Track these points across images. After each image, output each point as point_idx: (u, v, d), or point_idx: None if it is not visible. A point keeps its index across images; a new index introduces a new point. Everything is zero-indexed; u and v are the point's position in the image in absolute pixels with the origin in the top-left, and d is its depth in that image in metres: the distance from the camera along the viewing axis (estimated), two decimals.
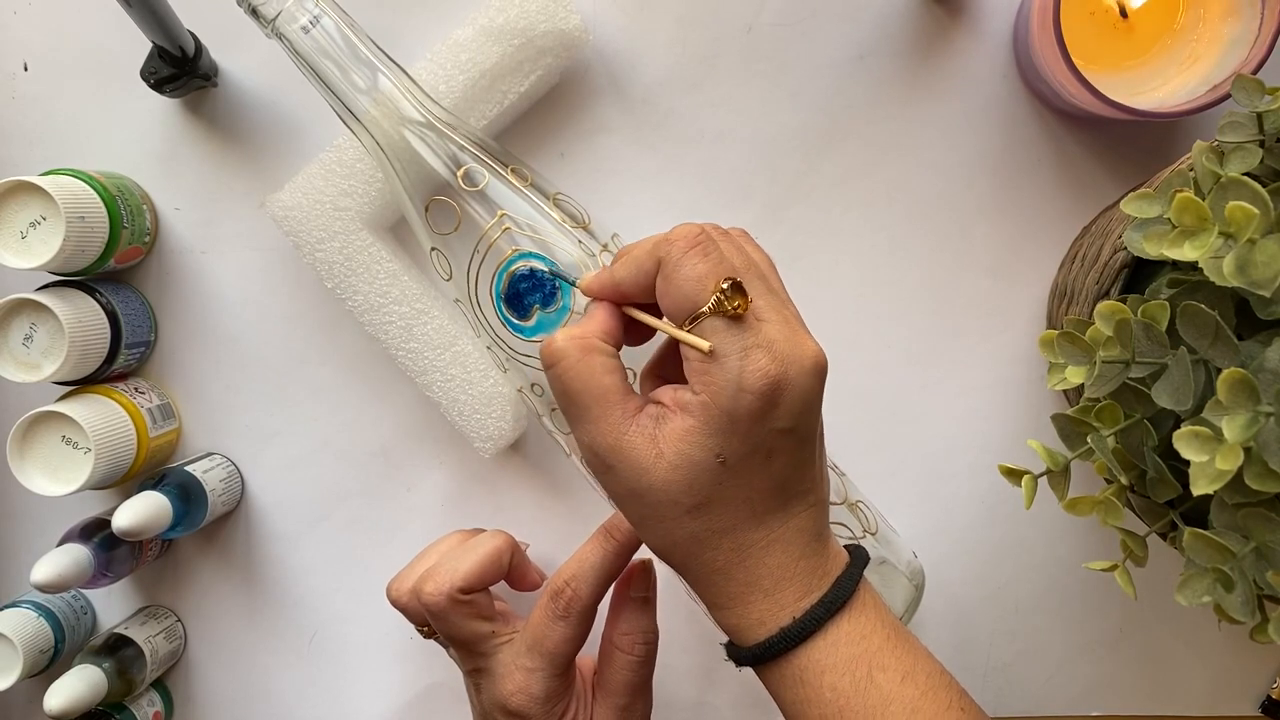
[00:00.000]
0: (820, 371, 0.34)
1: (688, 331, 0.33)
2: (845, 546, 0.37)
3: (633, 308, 0.37)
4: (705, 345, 0.33)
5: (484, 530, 0.49)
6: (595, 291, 0.37)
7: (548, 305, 0.42)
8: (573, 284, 0.39)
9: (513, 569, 0.46)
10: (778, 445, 0.33)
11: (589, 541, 0.42)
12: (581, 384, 0.34)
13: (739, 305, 0.32)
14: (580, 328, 0.35)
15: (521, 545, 0.50)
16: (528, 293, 0.42)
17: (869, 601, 0.36)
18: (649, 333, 0.37)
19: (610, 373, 0.34)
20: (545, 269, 0.42)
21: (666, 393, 0.34)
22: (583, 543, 0.43)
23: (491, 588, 0.46)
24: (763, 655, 0.35)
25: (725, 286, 0.32)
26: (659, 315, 0.35)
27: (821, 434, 0.36)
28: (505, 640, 0.43)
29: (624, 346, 0.38)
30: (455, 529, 0.51)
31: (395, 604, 0.46)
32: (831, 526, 0.45)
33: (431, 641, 0.47)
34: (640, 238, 0.50)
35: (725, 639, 0.37)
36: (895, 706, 0.34)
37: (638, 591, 0.44)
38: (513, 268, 0.42)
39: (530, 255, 0.42)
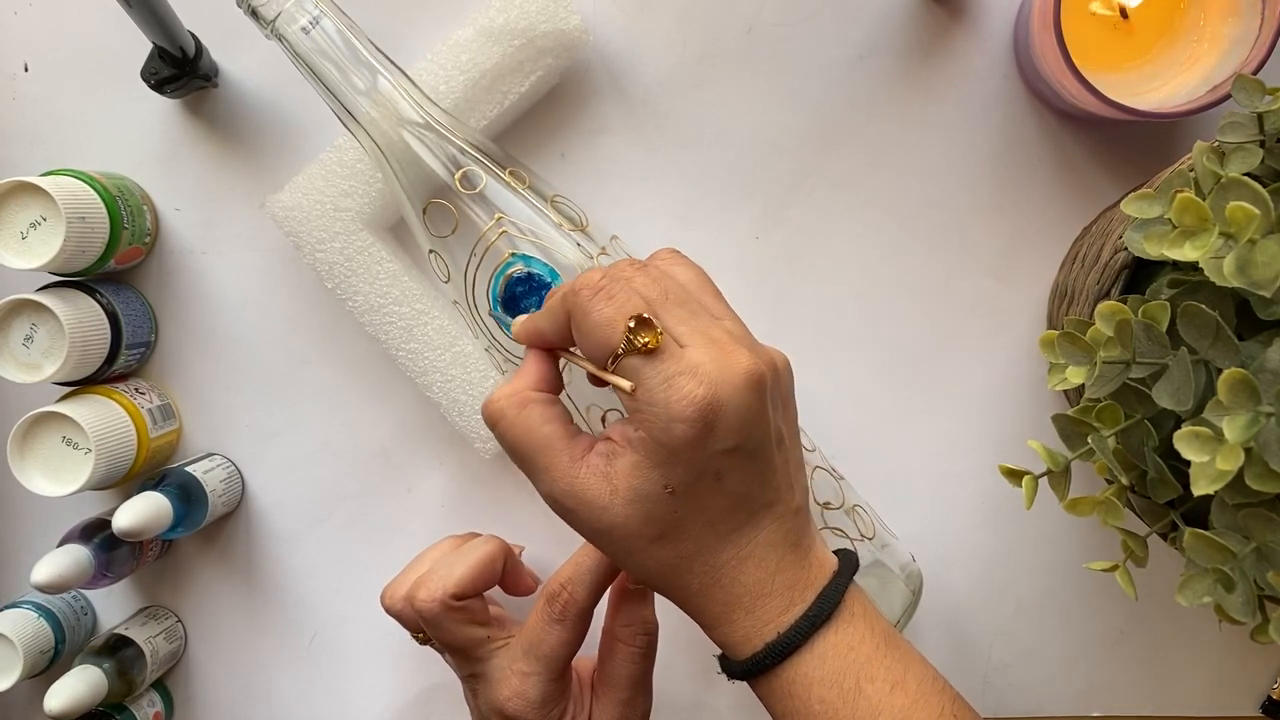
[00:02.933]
0: (755, 384, 0.33)
1: (611, 372, 0.33)
2: (835, 552, 0.37)
3: (567, 351, 0.37)
4: (627, 385, 0.33)
5: (478, 535, 0.49)
6: (522, 339, 0.38)
7: None
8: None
9: (506, 574, 0.46)
10: (725, 465, 0.33)
11: (585, 545, 0.42)
12: (525, 437, 0.35)
13: (649, 340, 0.32)
14: (513, 384, 0.36)
15: (515, 549, 0.50)
16: (524, 296, 0.42)
17: (858, 610, 0.36)
18: None
19: (549, 421, 0.35)
20: (546, 278, 0.42)
21: (616, 428, 0.35)
22: (579, 546, 0.42)
23: (487, 592, 0.46)
24: (751, 670, 0.35)
25: (632, 324, 0.33)
26: None
27: (785, 440, 0.36)
28: (501, 645, 0.43)
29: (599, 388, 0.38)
30: (455, 530, 0.51)
31: (389, 611, 0.45)
32: (828, 531, 0.45)
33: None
34: (640, 239, 0.50)
35: (719, 650, 0.37)
36: (884, 717, 0.34)
37: (635, 582, 0.44)
38: (509, 270, 0.42)
39: (528, 259, 0.42)
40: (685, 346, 0.33)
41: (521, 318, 0.38)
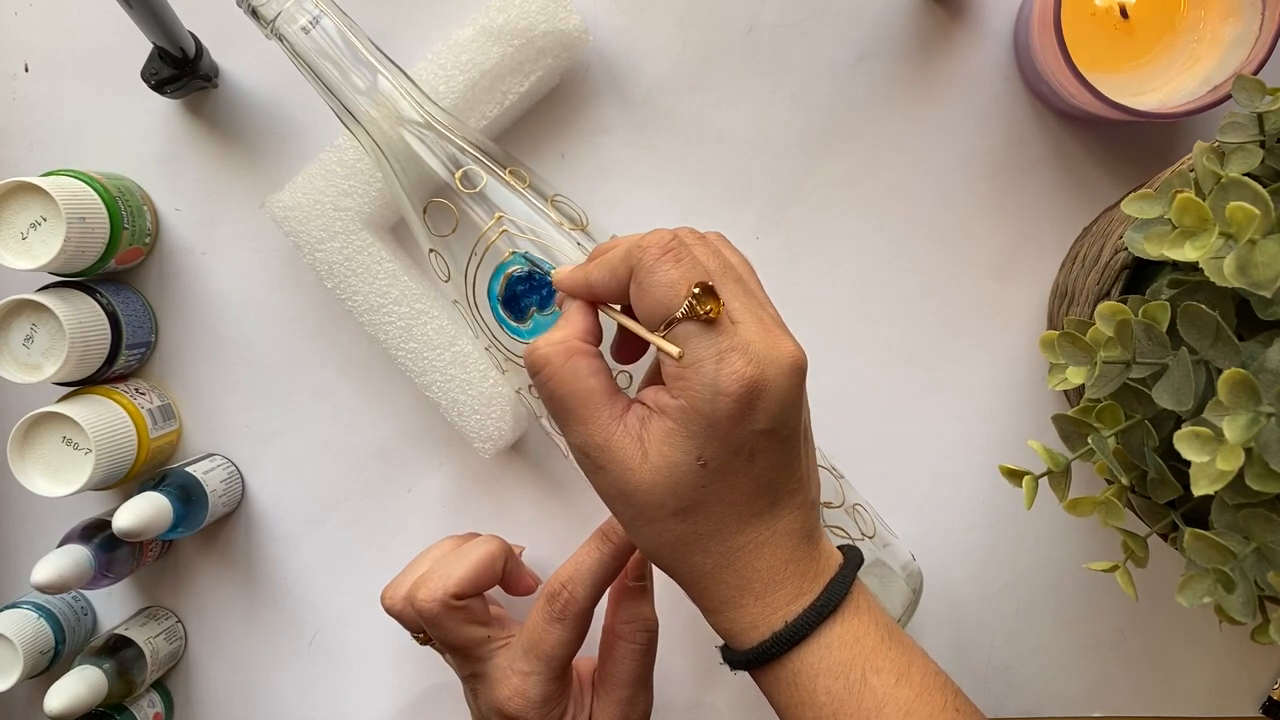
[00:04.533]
0: (798, 371, 0.34)
1: (662, 337, 0.33)
2: (839, 548, 0.37)
3: (608, 307, 0.37)
4: (675, 351, 0.33)
5: (477, 535, 0.49)
6: (568, 288, 0.37)
7: (544, 307, 0.42)
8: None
9: (506, 573, 0.46)
10: (759, 446, 0.33)
11: (585, 544, 0.42)
12: (568, 388, 0.34)
13: (711, 309, 0.32)
14: (560, 331, 0.36)
15: (516, 549, 0.50)
16: (524, 295, 0.42)
17: (862, 603, 0.36)
18: (642, 349, 0.37)
19: (595, 374, 0.35)
20: (540, 270, 0.42)
21: (650, 393, 0.34)
22: (579, 545, 0.43)
23: (487, 592, 0.46)
24: (756, 659, 0.35)
25: (697, 291, 0.32)
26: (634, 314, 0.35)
27: (808, 433, 0.36)
28: (501, 644, 0.43)
29: (631, 362, 0.38)
30: (455, 530, 0.52)
31: (390, 611, 0.46)
32: (829, 530, 0.45)
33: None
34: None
35: (721, 641, 0.37)
36: (889, 708, 0.34)
37: (635, 579, 0.44)
38: (510, 269, 0.42)
39: (527, 258, 0.42)
40: (737, 323, 0.33)
41: (568, 266, 0.37)
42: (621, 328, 0.36)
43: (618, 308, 0.36)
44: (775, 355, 0.33)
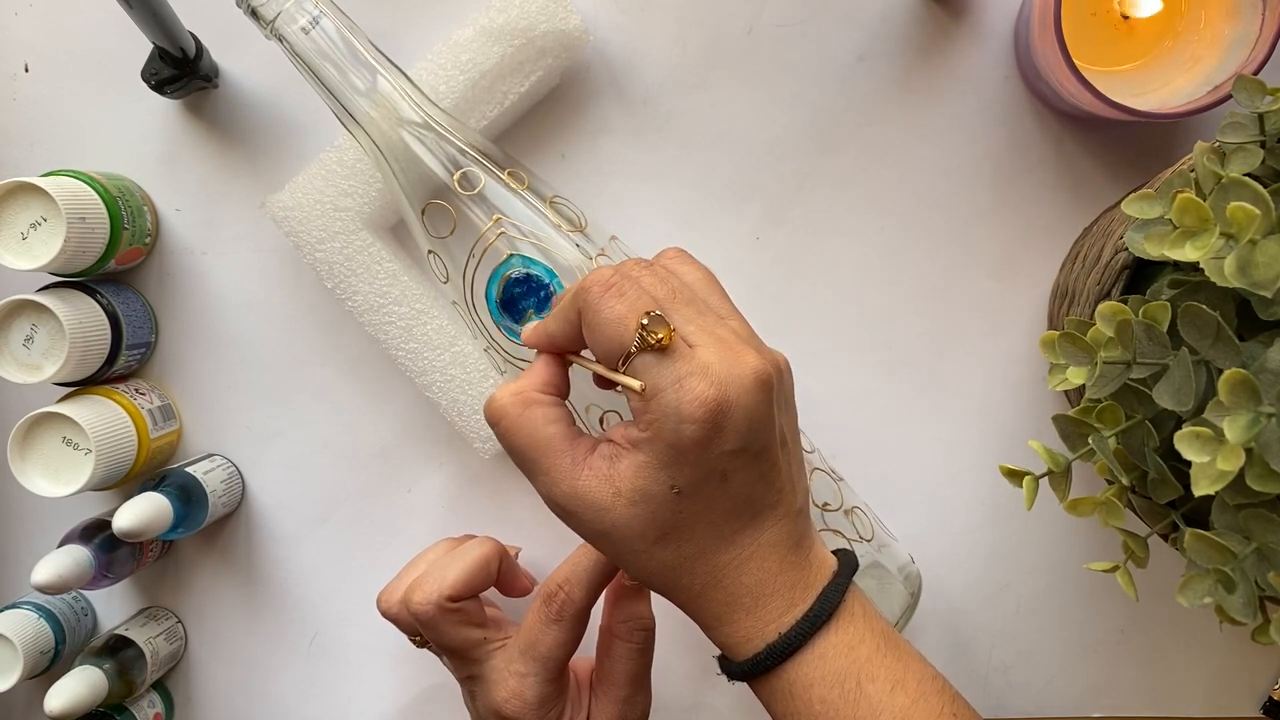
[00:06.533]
0: (763, 385, 0.33)
1: (621, 372, 0.33)
2: (835, 552, 0.37)
3: (577, 356, 0.37)
4: (637, 385, 0.33)
5: (473, 537, 0.48)
6: (532, 344, 0.37)
7: (542, 310, 0.42)
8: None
9: (502, 575, 0.46)
10: (731, 466, 0.33)
11: (582, 545, 0.42)
12: (526, 438, 0.35)
13: (663, 337, 0.32)
14: (519, 382, 0.36)
15: (511, 550, 0.49)
16: (522, 297, 0.42)
17: (858, 610, 0.36)
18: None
19: (553, 422, 0.35)
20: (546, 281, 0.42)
21: (618, 430, 0.34)
22: (576, 546, 0.42)
23: (485, 594, 0.46)
24: (751, 671, 0.35)
25: (645, 322, 0.33)
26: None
27: (787, 441, 0.36)
28: (498, 646, 0.43)
29: (605, 390, 0.38)
30: (454, 531, 0.52)
31: (385, 615, 0.45)
32: (827, 533, 0.45)
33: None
34: (640, 240, 0.50)
35: (718, 651, 0.37)
36: (885, 717, 0.34)
37: (632, 579, 0.44)
38: (508, 271, 0.42)
39: (526, 260, 0.42)
40: (694, 346, 0.33)
41: (531, 324, 0.38)
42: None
43: (589, 355, 0.36)
44: (737, 373, 0.33)
